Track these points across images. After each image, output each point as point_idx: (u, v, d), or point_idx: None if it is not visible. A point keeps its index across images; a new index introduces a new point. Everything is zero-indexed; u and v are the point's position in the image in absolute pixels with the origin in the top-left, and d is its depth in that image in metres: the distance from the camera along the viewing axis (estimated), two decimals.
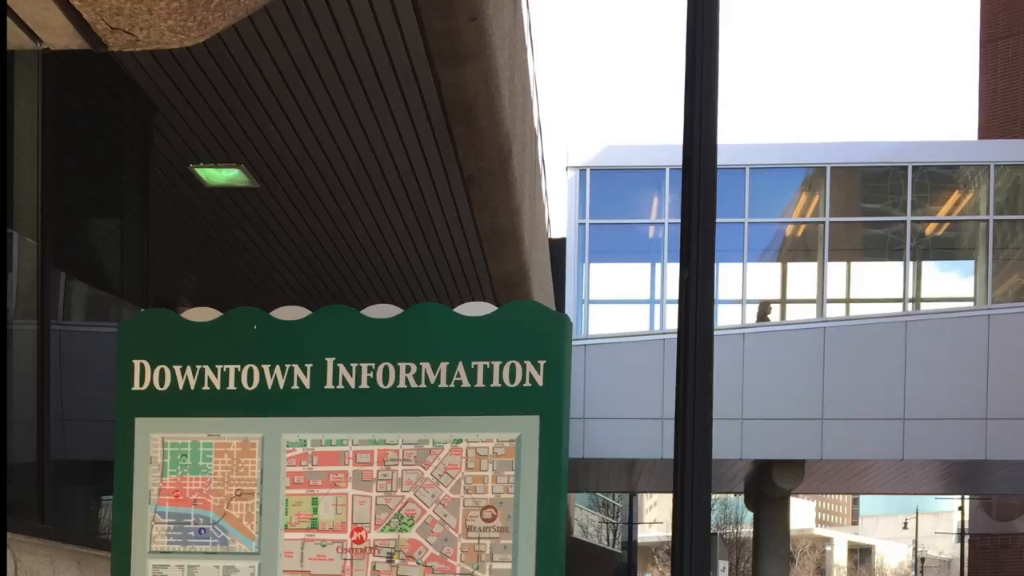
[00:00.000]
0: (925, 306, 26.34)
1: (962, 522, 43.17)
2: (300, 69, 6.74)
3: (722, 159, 4.95)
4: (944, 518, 72.24)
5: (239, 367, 3.07)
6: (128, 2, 4.10)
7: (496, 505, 2.88)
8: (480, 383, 2.93)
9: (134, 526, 3.07)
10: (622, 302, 28.43)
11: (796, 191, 27.46)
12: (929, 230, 27.18)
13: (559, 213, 29.71)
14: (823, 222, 26.50)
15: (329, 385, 3.01)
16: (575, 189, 26.88)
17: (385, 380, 2.98)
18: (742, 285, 26.79)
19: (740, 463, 20.56)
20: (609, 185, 27.19)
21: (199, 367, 3.09)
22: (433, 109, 7.13)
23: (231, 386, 3.07)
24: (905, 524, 66.66)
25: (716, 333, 4.50)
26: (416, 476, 2.94)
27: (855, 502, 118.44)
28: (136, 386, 3.12)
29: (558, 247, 24.62)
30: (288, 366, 3.04)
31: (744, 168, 26.14)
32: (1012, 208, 26.09)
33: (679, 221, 4.46)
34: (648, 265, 27.73)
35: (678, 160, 4.50)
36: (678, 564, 4.20)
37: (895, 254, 26.97)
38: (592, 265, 27.50)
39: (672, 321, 23.59)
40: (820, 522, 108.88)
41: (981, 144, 28.79)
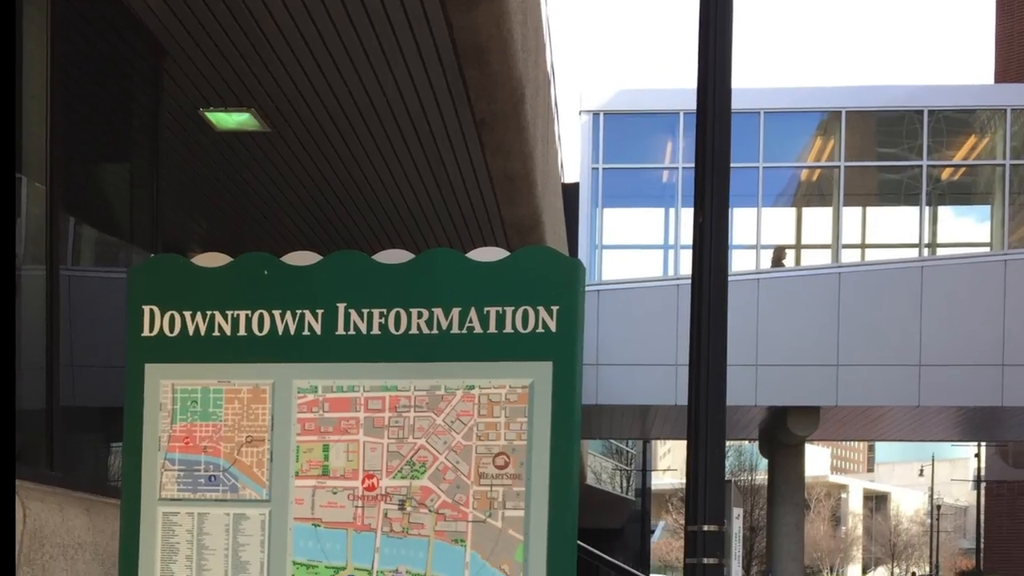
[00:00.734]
0: (941, 251, 26.22)
1: (978, 469, 43.24)
2: (311, 11, 6.66)
3: (736, 103, 4.90)
4: (960, 465, 72.44)
5: (249, 313, 3.04)
6: None
7: (508, 452, 2.86)
8: (492, 329, 2.89)
9: (144, 473, 3.06)
10: (635, 247, 28.38)
11: (811, 135, 27.30)
12: (945, 175, 27.02)
13: (572, 158, 29.60)
14: (838, 167, 26.35)
15: (340, 331, 2.98)
16: (588, 133, 26.75)
17: (397, 326, 2.95)
18: (756, 230, 26.71)
19: (755, 409, 20.58)
20: (623, 129, 27.05)
21: (209, 313, 3.06)
22: (445, 52, 7.06)
23: (241, 332, 3.04)
24: (921, 471, 66.78)
25: (730, 278, 4.47)
26: (428, 423, 2.91)
27: (870, 449, 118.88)
28: (146, 332, 3.10)
29: (571, 192, 24.53)
30: (299, 312, 3.01)
31: (759, 112, 25.97)
32: None
33: (693, 166, 4.43)
34: (662, 210, 27.64)
35: (692, 104, 4.47)
36: (692, 511, 4.18)
37: (911, 199, 26.83)
38: (605, 210, 27.43)
39: (686, 266, 23.55)
40: (835, 469, 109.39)
41: (997, 88, 28.57)
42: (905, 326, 18.76)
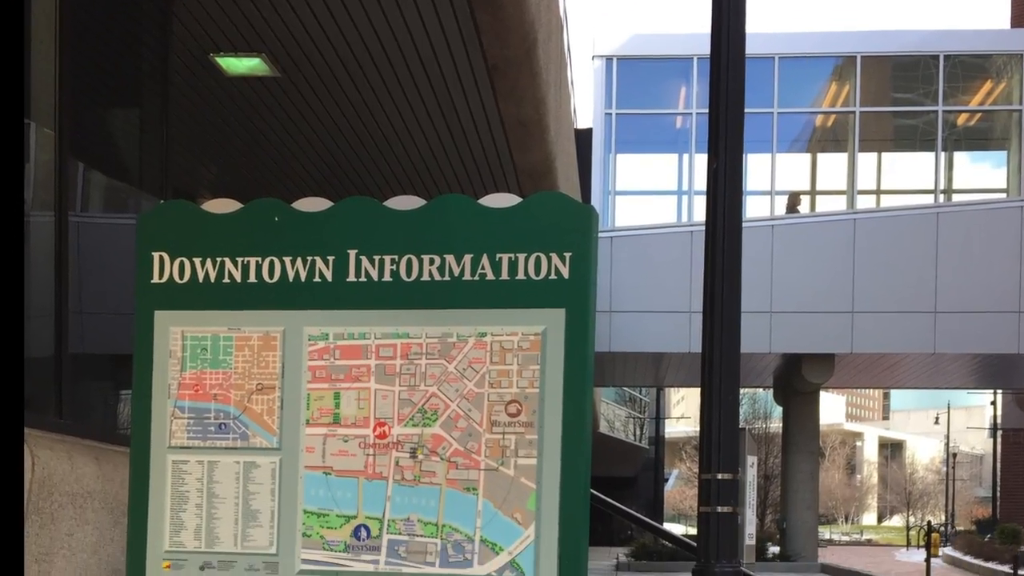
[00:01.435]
0: (957, 197, 26.10)
1: (994, 416, 43.33)
2: None
3: (751, 48, 4.85)
4: (976, 413, 72.64)
5: (260, 259, 3.01)
6: None
7: (521, 399, 2.83)
8: (505, 275, 2.86)
9: (153, 421, 3.04)
10: (649, 193, 28.33)
11: (826, 80, 27.14)
12: (961, 120, 26.86)
13: (585, 103, 29.53)
14: (853, 112, 26.18)
15: (351, 278, 2.95)
16: (601, 79, 26.61)
17: (408, 273, 2.92)
18: (771, 176, 26.61)
19: (769, 357, 20.62)
20: (636, 75, 26.90)
21: (219, 259, 3.03)
22: None
23: (252, 279, 3.01)
24: (936, 419, 66.90)
25: (745, 225, 4.44)
26: (440, 370, 2.89)
27: (886, 396, 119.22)
28: (155, 279, 3.07)
29: (584, 137, 24.44)
30: (310, 258, 2.98)
31: (773, 57, 25.79)
32: None
33: (707, 111, 4.39)
34: (675, 156, 27.55)
35: (706, 49, 4.42)
36: (706, 459, 4.17)
37: (926, 144, 26.69)
38: (618, 156, 27.35)
39: (700, 212, 23.51)
40: (850, 417, 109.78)
41: (1014, 33, 28.33)
42: (921, 272, 18.72)
